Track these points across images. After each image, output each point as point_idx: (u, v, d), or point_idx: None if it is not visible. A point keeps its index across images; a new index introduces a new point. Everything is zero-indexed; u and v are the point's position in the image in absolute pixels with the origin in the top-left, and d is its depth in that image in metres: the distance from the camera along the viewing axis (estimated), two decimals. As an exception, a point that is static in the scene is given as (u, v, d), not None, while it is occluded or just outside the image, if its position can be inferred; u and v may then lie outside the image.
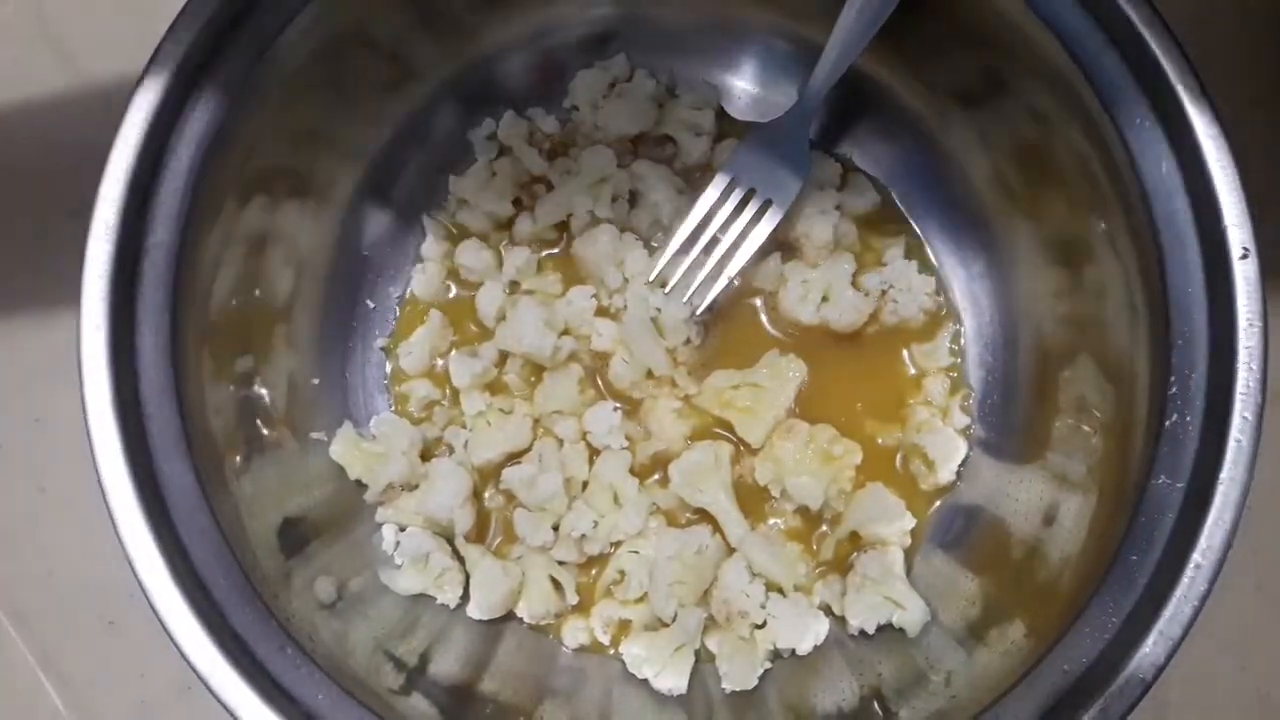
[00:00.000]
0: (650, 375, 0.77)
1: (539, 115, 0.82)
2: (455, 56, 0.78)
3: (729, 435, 0.77)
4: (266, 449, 0.68)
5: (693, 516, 0.76)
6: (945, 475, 0.75)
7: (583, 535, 0.73)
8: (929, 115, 0.77)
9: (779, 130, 0.75)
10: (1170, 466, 0.57)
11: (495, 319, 0.78)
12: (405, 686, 0.64)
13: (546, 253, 0.81)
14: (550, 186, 0.81)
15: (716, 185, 0.74)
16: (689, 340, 0.77)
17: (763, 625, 0.72)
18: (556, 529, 0.75)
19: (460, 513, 0.74)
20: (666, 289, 0.76)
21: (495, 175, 0.81)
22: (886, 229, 0.81)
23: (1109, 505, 0.61)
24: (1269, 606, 0.78)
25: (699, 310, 0.76)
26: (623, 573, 0.74)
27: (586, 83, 0.81)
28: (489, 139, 0.82)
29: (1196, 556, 0.55)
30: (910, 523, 0.74)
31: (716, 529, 0.75)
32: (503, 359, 0.79)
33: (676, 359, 0.77)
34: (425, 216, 0.82)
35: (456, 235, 0.81)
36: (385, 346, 0.80)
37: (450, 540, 0.75)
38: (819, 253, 0.78)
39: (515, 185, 0.81)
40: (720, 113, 0.82)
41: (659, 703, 0.71)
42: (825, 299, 0.77)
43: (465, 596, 0.74)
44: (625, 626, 0.75)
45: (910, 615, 0.71)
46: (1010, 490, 0.72)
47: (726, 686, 0.71)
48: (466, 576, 0.74)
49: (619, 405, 0.77)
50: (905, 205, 0.81)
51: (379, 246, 0.80)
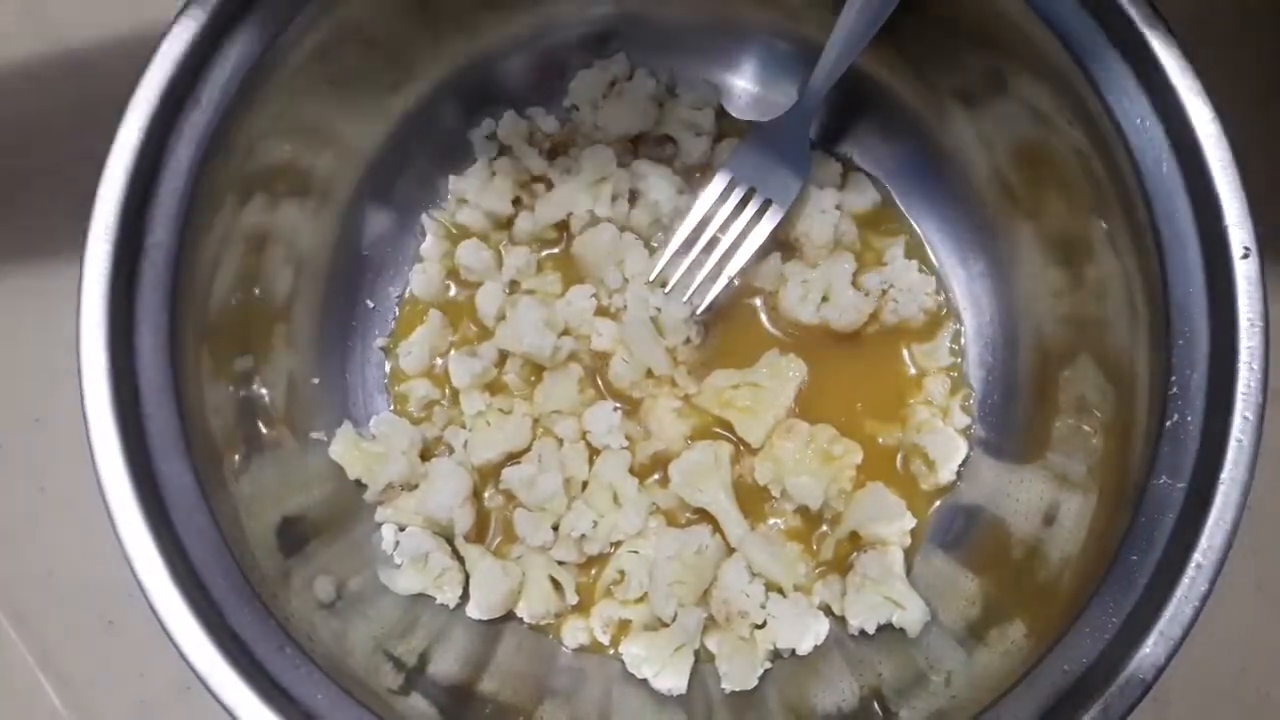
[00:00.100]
0: (650, 375, 0.77)
1: (539, 115, 0.82)
2: (455, 56, 0.78)
3: (729, 435, 0.77)
4: (266, 449, 0.68)
5: (692, 516, 0.76)
6: (945, 475, 0.75)
7: (582, 535, 0.73)
8: (929, 115, 0.77)
9: (779, 130, 0.75)
10: (1171, 466, 0.57)
11: (495, 319, 0.78)
12: (404, 686, 0.64)
13: (546, 252, 0.81)
14: (550, 186, 0.80)
15: (716, 185, 0.74)
16: (689, 340, 0.77)
17: (762, 625, 0.72)
18: (556, 529, 0.75)
19: (460, 513, 0.74)
20: (666, 289, 0.76)
21: (495, 175, 0.81)
22: (887, 228, 0.81)
23: (1109, 505, 0.61)
24: (1269, 606, 0.78)
25: (699, 310, 0.76)
26: (622, 573, 0.74)
27: (586, 82, 0.81)
28: (489, 139, 0.82)
29: (1197, 557, 0.55)
30: (910, 523, 0.74)
31: (716, 529, 0.75)
32: (502, 359, 0.79)
33: (676, 359, 0.77)
34: (425, 216, 0.82)
35: (456, 235, 0.81)
36: (385, 346, 0.80)
37: (450, 540, 0.75)
38: (819, 252, 0.78)
39: (515, 185, 0.80)
40: (720, 112, 0.82)
41: (659, 703, 0.71)
42: (825, 299, 0.77)
43: (465, 596, 0.74)
44: (625, 626, 0.75)
45: (910, 615, 0.71)
46: (1010, 490, 0.72)
47: (726, 686, 0.71)
48: (466, 576, 0.74)
49: (619, 405, 0.77)
50: (905, 205, 0.81)
51: (379, 246, 0.80)
